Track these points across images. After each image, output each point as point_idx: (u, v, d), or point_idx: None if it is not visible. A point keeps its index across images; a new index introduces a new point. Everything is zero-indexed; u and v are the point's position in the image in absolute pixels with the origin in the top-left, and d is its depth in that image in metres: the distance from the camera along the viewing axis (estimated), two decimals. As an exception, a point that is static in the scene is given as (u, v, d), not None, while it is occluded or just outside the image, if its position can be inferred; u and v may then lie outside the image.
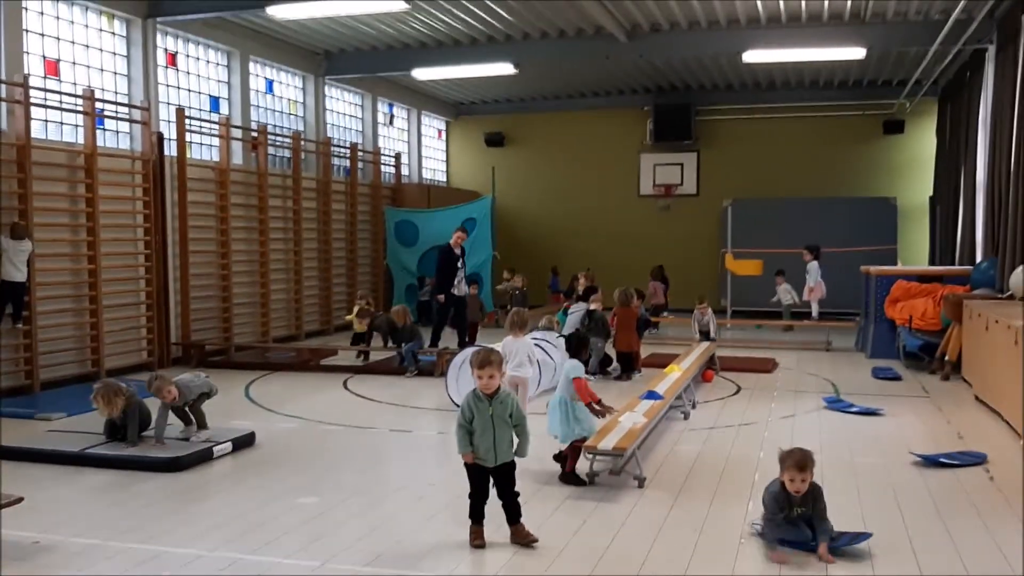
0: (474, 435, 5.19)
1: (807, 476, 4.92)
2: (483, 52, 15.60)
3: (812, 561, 4.85)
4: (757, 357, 12.75)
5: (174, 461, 6.95)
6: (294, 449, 7.76)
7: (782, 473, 4.99)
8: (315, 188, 16.12)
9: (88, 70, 11.66)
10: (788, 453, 5.02)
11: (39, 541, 5.32)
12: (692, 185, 21.04)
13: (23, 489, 5.63)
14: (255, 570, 4.83)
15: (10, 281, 9.79)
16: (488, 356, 5.23)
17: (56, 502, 6.08)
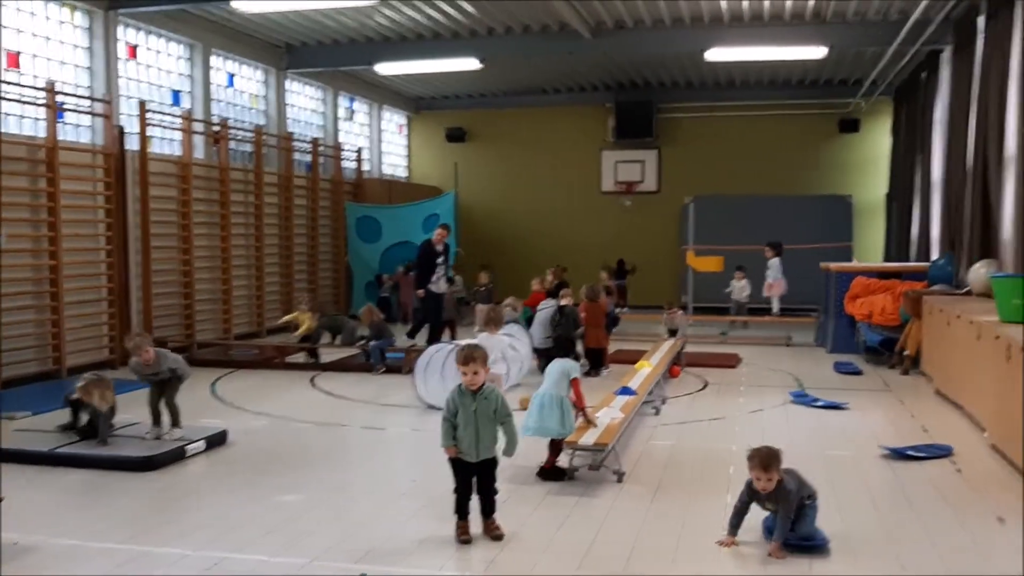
0: (458, 429, 5.21)
1: (772, 475, 4.96)
2: (447, 47, 15.56)
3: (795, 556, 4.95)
4: (721, 353, 12.92)
5: (147, 460, 6.87)
6: (268, 447, 7.70)
7: (750, 472, 5.07)
8: (277, 183, 15.96)
9: (49, 63, 11.42)
10: (755, 452, 5.07)
11: (17, 542, 5.23)
12: (653, 182, 21.21)
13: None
14: (242, 569, 4.81)
15: None
16: (472, 352, 5.23)
17: (30, 503, 5.97)
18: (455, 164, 19.14)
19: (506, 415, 5.31)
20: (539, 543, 5.16)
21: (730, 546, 5.05)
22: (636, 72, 19.16)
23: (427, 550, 5.10)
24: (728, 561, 4.91)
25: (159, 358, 7.49)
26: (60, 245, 10.92)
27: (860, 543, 5.14)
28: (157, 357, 7.47)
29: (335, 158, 18.25)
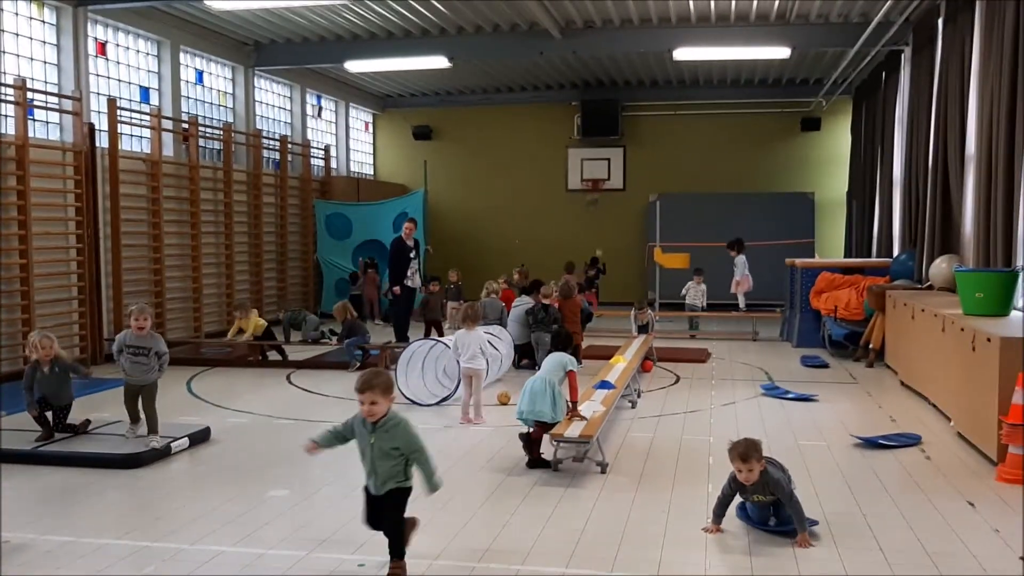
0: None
1: (752, 466, 5.11)
2: (416, 45, 15.61)
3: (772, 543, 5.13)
4: (691, 348, 13.15)
5: (133, 458, 6.88)
6: (251, 444, 7.73)
7: (732, 464, 5.23)
8: (245, 181, 15.91)
9: (18, 59, 11.31)
10: (734, 445, 5.24)
11: (9, 540, 5.23)
12: (619, 180, 21.45)
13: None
14: (241, 561, 4.87)
15: None
16: (371, 380, 4.64)
17: (17, 501, 5.95)
18: (424, 162, 19.18)
19: (414, 450, 4.69)
20: (531, 533, 5.27)
21: (715, 533, 5.22)
22: (602, 71, 19.35)
23: (422, 541, 5.19)
24: (714, 546, 5.06)
25: (151, 336, 7.39)
26: (30, 243, 10.83)
27: (839, 527, 5.32)
28: (150, 334, 7.38)
29: (303, 156, 18.22)
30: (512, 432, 7.74)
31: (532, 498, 5.99)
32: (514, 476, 6.53)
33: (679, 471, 6.61)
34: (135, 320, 7.32)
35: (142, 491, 6.30)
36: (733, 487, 5.25)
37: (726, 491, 5.29)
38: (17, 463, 6.91)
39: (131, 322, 7.36)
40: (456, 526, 5.42)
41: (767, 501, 5.22)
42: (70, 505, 5.98)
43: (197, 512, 5.76)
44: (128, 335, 7.36)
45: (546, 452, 6.73)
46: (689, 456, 7.05)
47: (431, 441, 7.66)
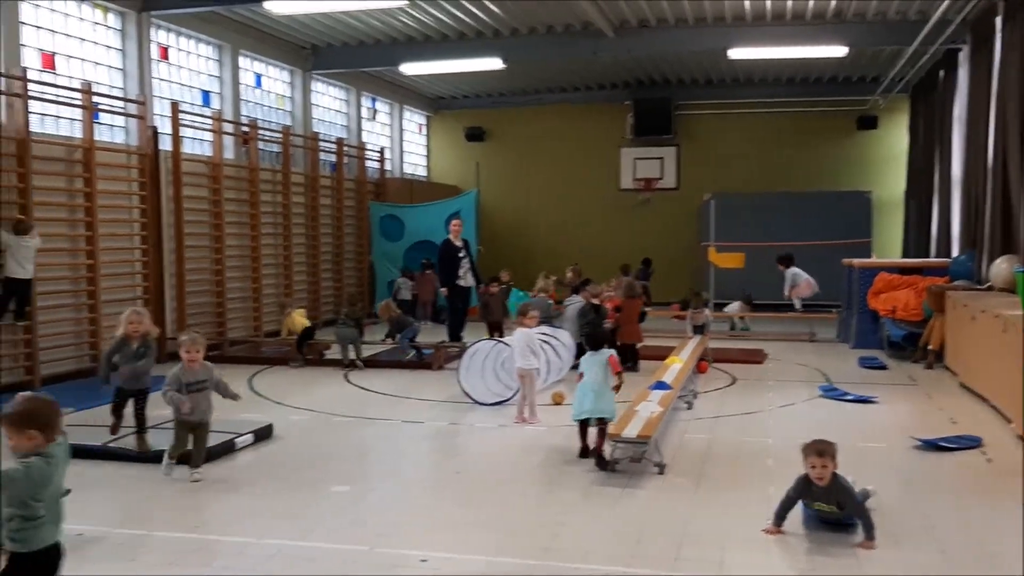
0: None
1: (827, 463, 5.11)
2: (470, 47, 15.74)
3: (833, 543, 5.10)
4: (747, 348, 13.05)
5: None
6: (312, 440, 7.88)
7: (805, 461, 5.21)
8: (303, 183, 16.16)
9: (83, 64, 11.63)
10: (810, 443, 5.25)
11: (83, 533, 5.40)
12: (672, 179, 21.36)
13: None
14: (306, 555, 4.98)
15: (14, 278, 9.75)
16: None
17: (90, 495, 6.13)
18: (476, 163, 19.29)
19: None
20: (589, 532, 5.31)
21: (776, 534, 5.20)
22: (655, 70, 19.30)
23: (480, 537, 5.27)
24: (775, 547, 5.05)
25: (204, 367, 6.63)
26: (97, 244, 11.12)
27: (900, 529, 5.28)
28: (203, 364, 6.62)
29: (359, 158, 18.44)
30: (566, 431, 7.80)
31: (589, 498, 6.03)
32: (570, 476, 6.57)
33: (738, 473, 6.59)
34: (186, 352, 6.50)
35: (209, 486, 6.45)
36: (799, 490, 5.24)
37: (791, 494, 5.27)
38: (88, 458, 7.10)
39: (182, 354, 6.54)
40: (513, 524, 5.47)
41: (829, 511, 5.19)
42: (140, 499, 6.16)
43: (262, 507, 5.90)
44: (181, 372, 6.48)
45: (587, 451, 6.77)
46: (748, 458, 7.02)
47: (486, 440, 7.82)
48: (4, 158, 9.99)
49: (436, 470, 6.98)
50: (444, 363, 11.71)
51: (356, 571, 4.74)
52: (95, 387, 10.38)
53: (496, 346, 9.64)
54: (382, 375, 11.31)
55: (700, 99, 20.96)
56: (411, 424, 8.55)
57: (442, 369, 11.56)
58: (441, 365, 11.68)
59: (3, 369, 10.04)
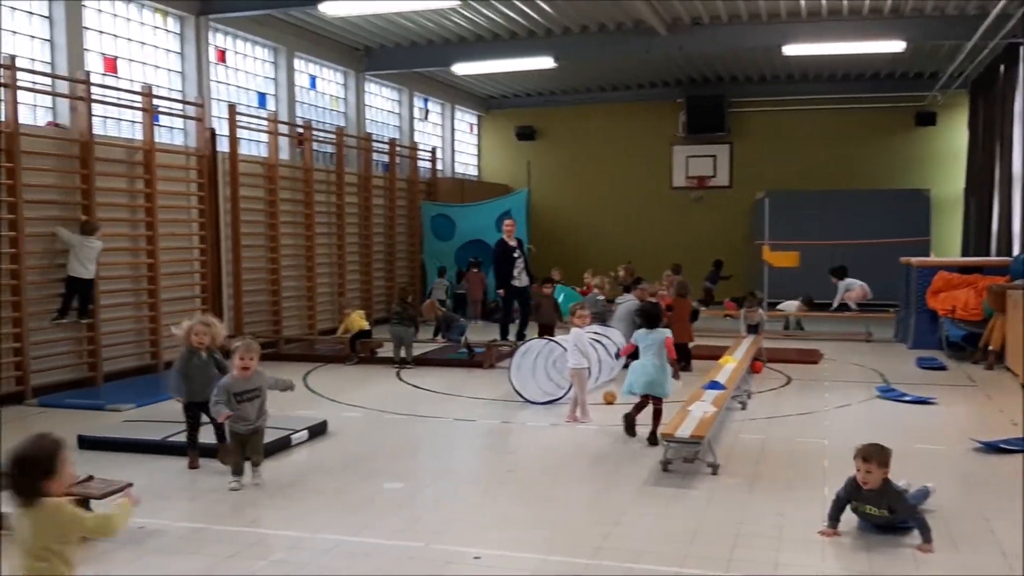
0: None
1: (872, 468, 5.06)
2: (522, 46, 15.77)
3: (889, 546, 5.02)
4: (802, 348, 12.88)
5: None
6: (366, 437, 7.97)
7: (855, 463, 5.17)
8: (356, 183, 16.33)
9: (144, 67, 11.89)
10: (862, 446, 5.21)
11: (144, 526, 5.53)
12: (725, 177, 21.18)
13: (111, 477, 5.84)
14: (361, 551, 5.04)
15: (77, 278, 10.01)
16: None
17: (150, 489, 6.25)
18: (527, 162, 19.32)
19: None
20: (642, 532, 5.29)
21: (831, 536, 5.14)
22: (708, 67, 19.15)
23: (533, 535, 5.29)
24: (831, 549, 4.99)
25: (258, 375, 6.34)
26: (157, 244, 11.36)
27: (959, 531, 5.19)
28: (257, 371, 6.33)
29: (411, 158, 18.58)
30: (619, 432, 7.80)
31: (642, 497, 6.01)
32: (622, 475, 6.55)
33: (793, 474, 6.52)
34: (240, 359, 6.19)
35: (266, 481, 6.56)
36: (848, 491, 5.19)
37: (840, 494, 5.23)
38: (148, 453, 7.29)
39: (235, 360, 6.23)
40: (566, 524, 5.48)
41: (878, 516, 5.12)
42: (199, 494, 6.29)
43: (317, 502, 5.98)
44: (231, 382, 6.22)
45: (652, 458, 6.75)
46: (803, 459, 6.94)
47: (538, 439, 7.83)
48: (68, 160, 10.26)
49: (489, 468, 7.02)
50: (495, 362, 11.76)
51: (411, 567, 4.79)
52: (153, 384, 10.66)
53: (547, 345, 9.65)
54: (433, 373, 11.39)
55: (754, 96, 20.76)
56: (463, 422, 8.59)
57: (493, 367, 11.61)
58: (492, 363, 11.73)
59: (67, 366, 10.33)
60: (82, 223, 10.03)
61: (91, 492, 5.33)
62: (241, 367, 6.19)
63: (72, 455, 7.12)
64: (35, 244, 9.79)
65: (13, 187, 9.41)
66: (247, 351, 6.22)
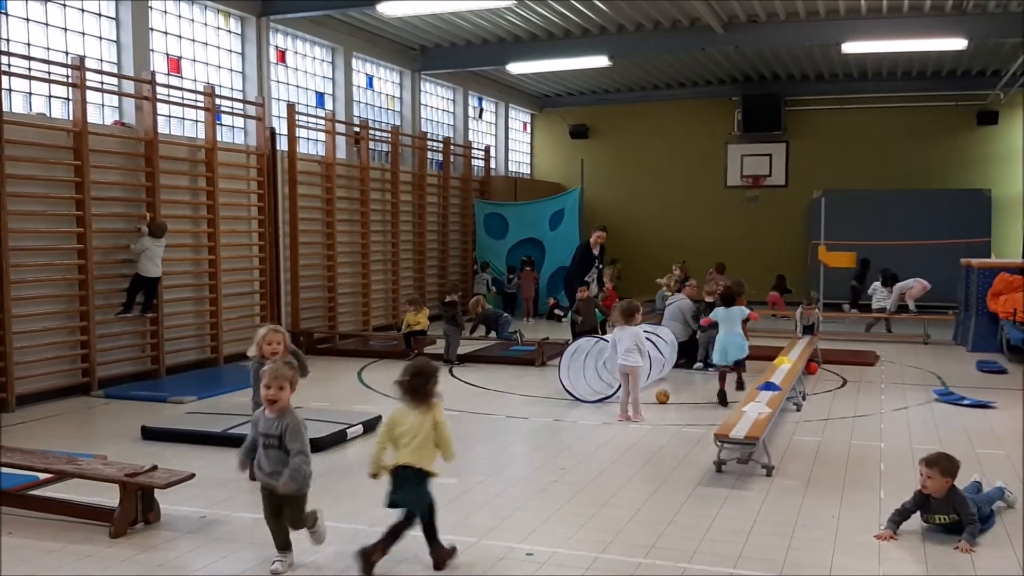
0: None
1: (932, 474, 5.09)
2: (577, 45, 15.78)
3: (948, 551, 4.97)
4: (858, 350, 12.72)
5: (312, 443, 7.28)
6: (420, 433, 8.05)
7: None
8: (411, 181, 16.50)
9: (207, 67, 12.14)
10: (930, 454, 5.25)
11: (205, 516, 5.69)
12: (781, 176, 20.96)
13: (174, 467, 5.95)
14: (417, 544, 5.10)
15: (147, 276, 10.28)
16: None
17: (212, 480, 6.42)
18: (581, 160, 19.32)
19: None
20: (696, 532, 5.30)
21: (888, 540, 5.11)
22: (765, 65, 18.97)
23: (585, 534, 5.33)
24: (887, 553, 4.95)
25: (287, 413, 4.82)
26: (218, 241, 11.60)
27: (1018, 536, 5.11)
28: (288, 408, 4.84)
29: (465, 157, 18.71)
30: (672, 431, 7.82)
31: (695, 498, 6.01)
32: (675, 475, 6.56)
33: (849, 476, 6.47)
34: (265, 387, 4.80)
35: (321, 474, 6.61)
36: (916, 503, 5.21)
37: (907, 505, 5.23)
38: (209, 444, 7.46)
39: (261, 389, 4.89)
40: (619, 523, 5.50)
41: (949, 521, 5.13)
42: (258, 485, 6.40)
43: (373, 495, 6.02)
44: (262, 414, 4.86)
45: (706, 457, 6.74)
46: (859, 461, 6.88)
47: (590, 437, 7.86)
48: (134, 158, 10.53)
49: (541, 466, 7.06)
50: (546, 359, 11.80)
51: (464, 561, 4.86)
52: (215, 376, 10.92)
53: (597, 343, 9.67)
54: (485, 370, 11.47)
55: (811, 94, 20.51)
56: (515, 419, 8.66)
57: (544, 365, 11.66)
58: (543, 361, 11.78)
59: (131, 359, 10.61)
60: (151, 224, 10.26)
61: (155, 482, 5.48)
62: (268, 399, 4.74)
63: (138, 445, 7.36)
64: (101, 240, 10.06)
65: (81, 185, 9.68)
66: (275, 378, 4.70)
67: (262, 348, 6.36)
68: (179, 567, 4.90)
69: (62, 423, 8.59)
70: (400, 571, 4.78)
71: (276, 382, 4.74)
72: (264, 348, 6.36)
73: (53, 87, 9.87)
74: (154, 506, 5.56)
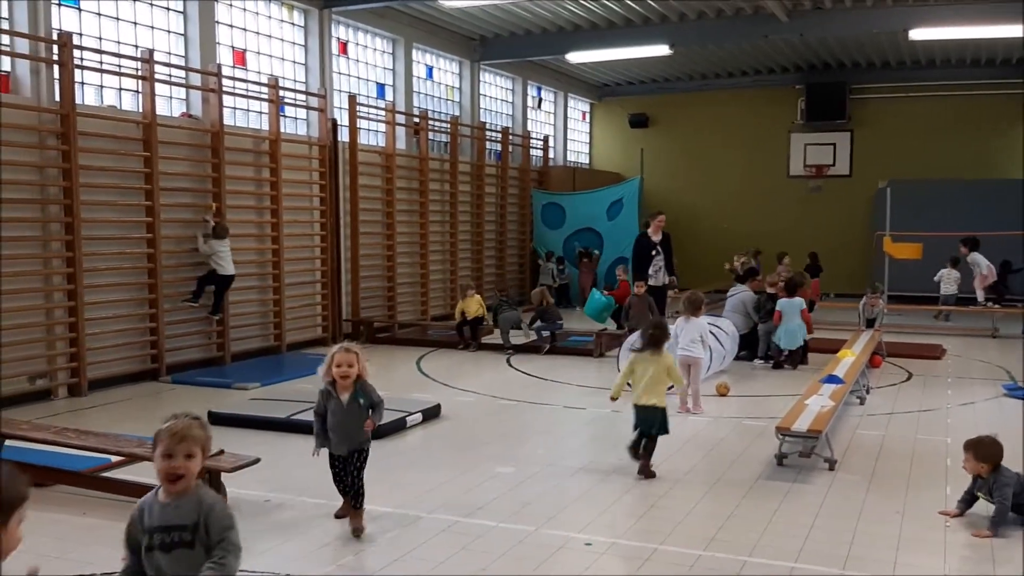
0: None
1: (968, 458, 5.25)
2: (637, 34, 15.66)
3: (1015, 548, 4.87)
4: (923, 343, 12.45)
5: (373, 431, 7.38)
6: (478, 421, 8.13)
7: None
8: (469, 172, 16.57)
9: (270, 59, 12.33)
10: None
11: (269, 500, 5.81)
12: (845, 165, 20.57)
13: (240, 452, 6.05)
14: (474, 532, 5.17)
15: (223, 275, 10.52)
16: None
17: (276, 465, 6.54)
18: (640, 150, 19.19)
19: None
20: (756, 526, 5.26)
21: (952, 517, 5.21)
22: (829, 53, 18.62)
23: (644, 525, 5.32)
24: (953, 549, 4.86)
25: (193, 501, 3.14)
26: (281, 231, 11.79)
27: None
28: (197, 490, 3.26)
29: (523, 147, 18.72)
30: (732, 423, 7.77)
31: (756, 491, 5.96)
32: (735, 468, 6.51)
33: (914, 472, 6.35)
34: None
35: (381, 461, 6.69)
36: (972, 482, 5.31)
37: (969, 487, 5.35)
38: (274, 430, 7.60)
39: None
40: (678, 515, 5.48)
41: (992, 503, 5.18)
42: (321, 472, 6.50)
43: (432, 483, 6.15)
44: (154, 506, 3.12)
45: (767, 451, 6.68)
46: (924, 457, 6.75)
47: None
48: (200, 149, 10.75)
49: (599, 456, 7.06)
50: (605, 350, 11.77)
51: (521, 551, 4.89)
52: (278, 364, 11.12)
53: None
54: (543, 360, 11.49)
55: (877, 82, 20.06)
56: (573, 410, 8.67)
57: (603, 356, 11.63)
58: (602, 352, 11.75)
59: (197, 346, 10.85)
60: (215, 228, 10.45)
61: (222, 466, 5.61)
62: (167, 475, 3.07)
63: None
64: (169, 230, 10.30)
65: (150, 176, 9.91)
66: (178, 441, 3.07)
67: (330, 370, 5.06)
68: (245, 549, 4.93)
69: (132, 407, 8.84)
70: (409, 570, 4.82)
71: (182, 448, 3.08)
72: (334, 372, 5.04)
73: (124, 80, 10.11)
74: (221, 489, 5.68)
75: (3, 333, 8.53)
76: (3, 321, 8.50)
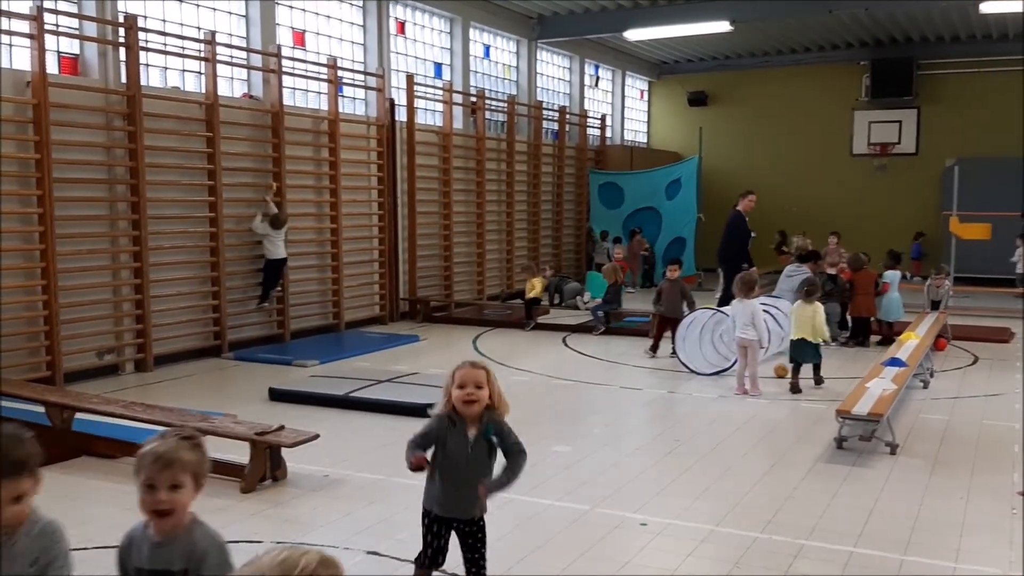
0: None
1: None
2: (697, 10, 15.44)
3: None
4: (991, 327, 12.14)
5: (430, 406, 7.45)
6: (534, 401, 8.13)
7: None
8: (526, 151, 16.53)
9: (330, 40, 12.41)
10: None
11: (328, 475, 5.90)
12: (911, 143, 20.07)
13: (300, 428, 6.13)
14: (531, 511, 5.20)
15: (274, 259, 10.66)
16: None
17: (335, 441, 6.64)
18: (700, 128, 18.94)
19: None
20: (816, 508, 5.20)
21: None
22: (896, 27, 18.14)
23: (701, 506, 5.29)
24: (1018, 539, 4.75)
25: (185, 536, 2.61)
26: (339, 210, 11.90)
27: None
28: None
29: (580, 126, 18.61)
30: (790, 405, 7.68)
31: (815, 473, 5.89)
32: (794, 451, 6.44)
33: (979, 458, 6.21)
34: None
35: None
36: None
37: None
38: (332, 407, 7.71)
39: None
40: (735, 496, 5.45)
41: None
42: (379, 446, 6.61)
43: (490, 462, 6.17)
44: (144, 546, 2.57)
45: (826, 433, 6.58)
46: (990, 442, 6.60)
47: (706, 410, 7.77)
48: (261, 129, 10.89)
49: (656, 437, 7.04)
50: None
51: (577, 530, 4.90)
52: (337, 342, 11.26)
53: (714, 316, 9.53)
54: (599, 341, 11.46)
55: (946, 57, 19.50)
56: (629, 390, 8.64)
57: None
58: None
59: (258, 323, 11.03)
60: (274, 216, 10.58)
61: (283, 441, 5.72)
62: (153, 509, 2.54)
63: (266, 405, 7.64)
64: (231, 209, 10.45)
65: (212, 156, 10.07)
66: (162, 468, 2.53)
67: (450, 392, 3.62)
68: (305, 523, 5.11)
69: (195, 383, 9.03)
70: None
71: (165, 477, 2.51)
72: (455, 396, 3.59)
73: (187, 61, 10.27)
74: (281, 464, 5.80)
75: (74, 309, 8.78)
76: (74, 298, 8.75)
